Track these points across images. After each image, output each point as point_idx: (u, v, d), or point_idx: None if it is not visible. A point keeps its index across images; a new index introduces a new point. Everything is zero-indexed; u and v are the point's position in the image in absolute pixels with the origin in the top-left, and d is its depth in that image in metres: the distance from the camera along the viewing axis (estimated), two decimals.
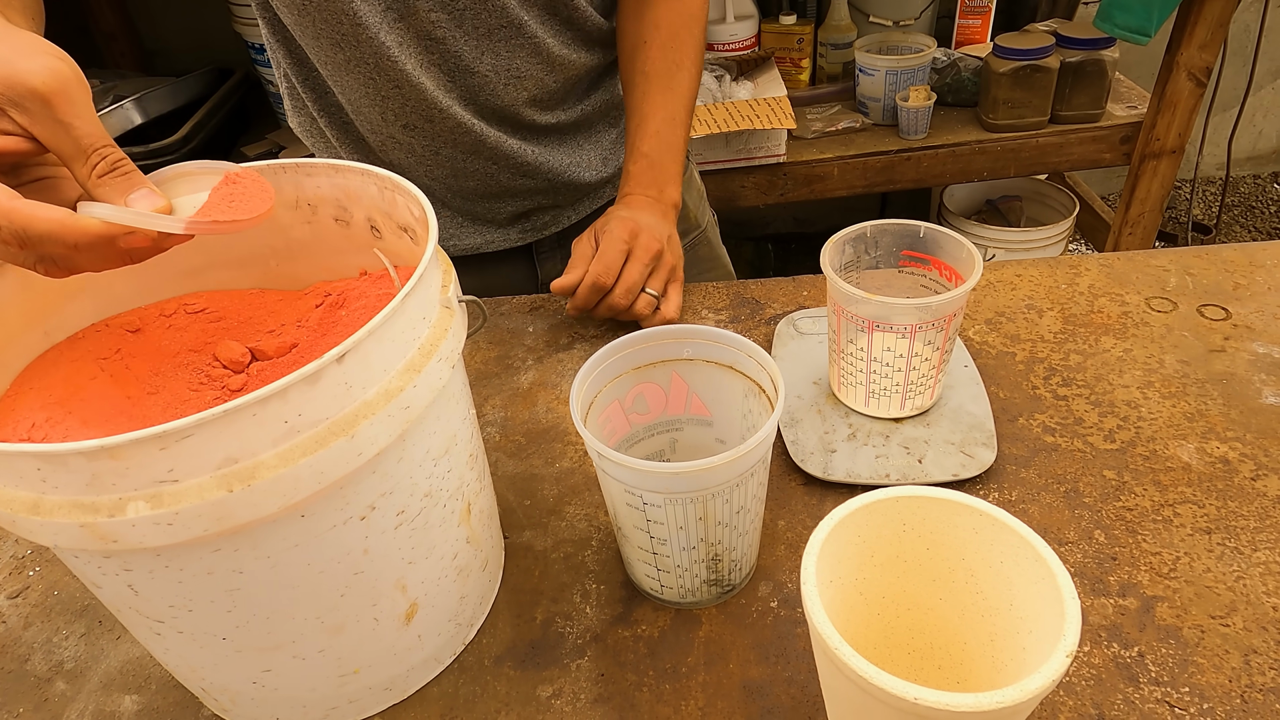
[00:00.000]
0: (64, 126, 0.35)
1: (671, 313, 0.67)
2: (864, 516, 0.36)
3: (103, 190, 0.37)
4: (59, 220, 0.34)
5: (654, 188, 0.71)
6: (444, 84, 0.69)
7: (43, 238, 0.34)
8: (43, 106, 0.35)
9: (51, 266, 0.37)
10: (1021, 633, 0.35)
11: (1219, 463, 0.54)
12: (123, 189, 0.37)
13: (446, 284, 0.41)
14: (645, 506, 0.43)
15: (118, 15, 1.88)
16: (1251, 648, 0.44)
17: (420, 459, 0.39)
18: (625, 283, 0.65)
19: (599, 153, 0.79)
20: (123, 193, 0.37)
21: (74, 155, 0.36)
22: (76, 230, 0.35)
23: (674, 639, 0.48)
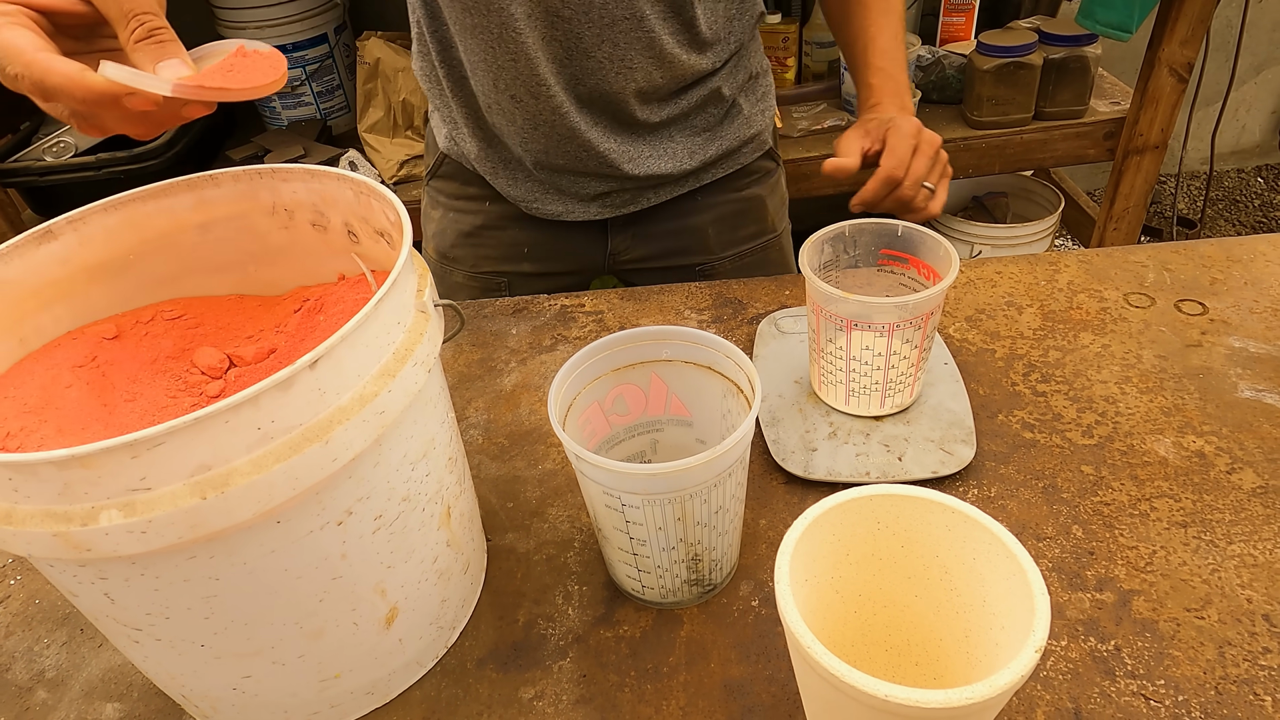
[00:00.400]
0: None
1: (936, 208, 0.68)
2: (838, 515, 0.36)
3: (137, 55, 0.39)
4: (68, 75, 0.37)
5: (899, 98, 0.73)
6: (558, 62, 0.70)
7: (56, 90, 0.37)
8: None
9: (82, 122, 0.39)
10: (994, 629, 0.35)
11: (1195, 456, 0.55)
12: (155, 55, 0.39)
13: (422, 288, 0.41)
14: (624, 508, 0.43)
15: None
16: (1226, 639, 0.45)
17: (397, 463, 0.39)
18: (914, 175, 0.66)
19: (687, 147, 0.80)
20: (155, 59, 0.39)
21: (118, 19, 0.38)
22: (83, 86, 0.37)
23: (656, 639, 0.48)
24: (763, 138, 0.85)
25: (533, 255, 0.85)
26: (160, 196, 0.47)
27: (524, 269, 0.86)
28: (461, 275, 0.88)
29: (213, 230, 0.49)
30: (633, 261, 0.87)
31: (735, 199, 0.84)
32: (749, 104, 0.82)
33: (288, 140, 1.70)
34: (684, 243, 0.85)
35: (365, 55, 1.57)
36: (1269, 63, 2.19)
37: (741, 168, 0.84)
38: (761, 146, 0.85)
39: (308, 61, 1.74)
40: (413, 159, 1.65)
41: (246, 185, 0.48)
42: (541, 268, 0.86)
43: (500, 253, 0.85)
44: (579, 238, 0.84)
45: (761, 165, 0.86)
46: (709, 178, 0.82)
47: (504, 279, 0.87)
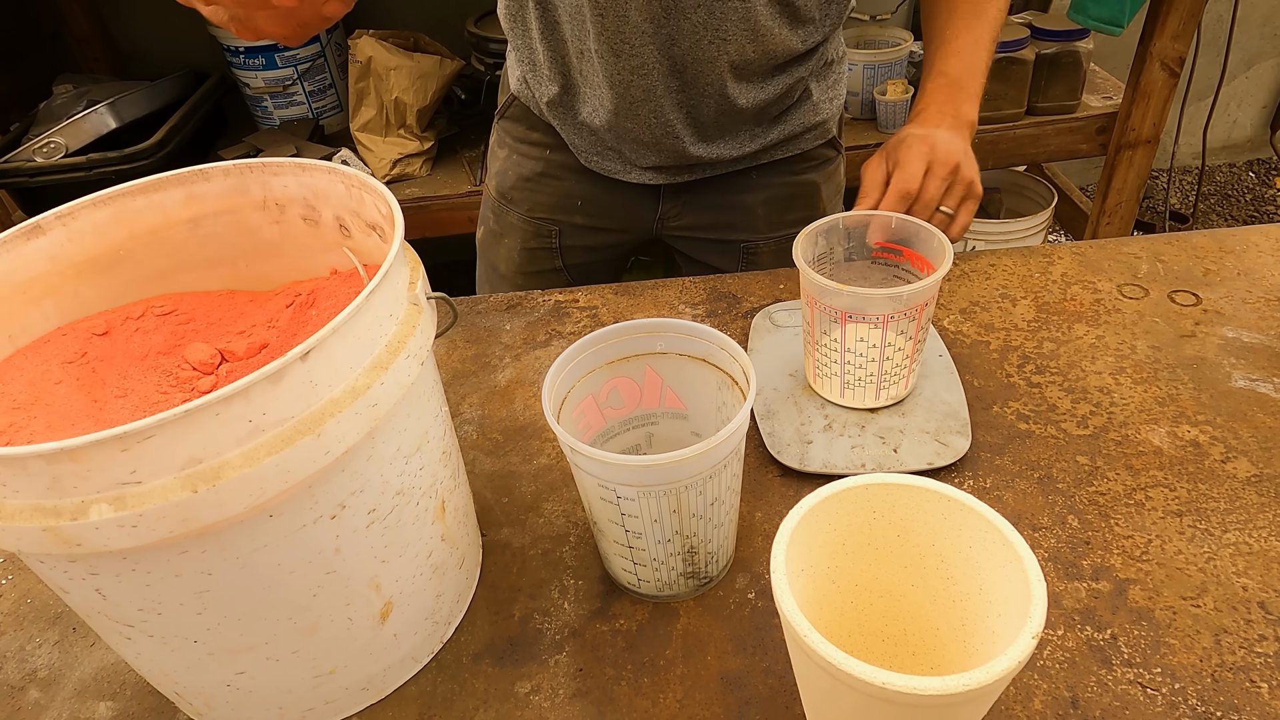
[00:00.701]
0: None
1: (955, 232, 0.66)
2: (834, 505, 0.36)
3: None
4: None
5: (950, 105, 0.70)
6: (655, 21, 0.69)
7: None
8: None
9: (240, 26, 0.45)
10: (991, 616, 0.35)
11: (1190, 446, 0.55)
12: None
13: (414, 281, 0.41)
14: (619, 500, 0.43)
15: (91, 20, 1.87)
16: (1222, 627, 0.45)
17: (391, 456, 0.39)
18: (924, 199, 0.65)
19: (752, 131, 0.80)
20: None
21: None
22: None
23: (652, 632, 0.48)
24: (827, 126, 0.84)
25: (585, 209, 0.86)
26: (150, 191, 0.46)
27: (576, 220, 0.87)
28: (516, 216, 0.89)
29: (203, 225, 0.48)
30: (681, 229, 0.87)
31: (790, 182, 0.84)
32: (819, 90, 0.81)
33: (280, 140, 1.70)
34: (732, 218, 0.85)
35: (357, 54, 1.57)
36: (1259, 57, 2.20)
37: (801, 153, 0.83)
38: (825, 134, 0.84)
39: (299, 61, 1.73)
40: (406, 158, 1.64)
41: (237, 180, 0.47)
42: (593, 222, 0.87)
43: (555, 201, 0.86)
44: (631, 198, 0.85)
45: (822, 152, 0.85)
46: (766, 159, 0.82)
47: (556, 226, 0.88)
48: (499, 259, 0.92)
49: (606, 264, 0.94)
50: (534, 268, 0.91)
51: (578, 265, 0.91)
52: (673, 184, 0.83)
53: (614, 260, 0.95)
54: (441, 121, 1.76)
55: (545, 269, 0.91)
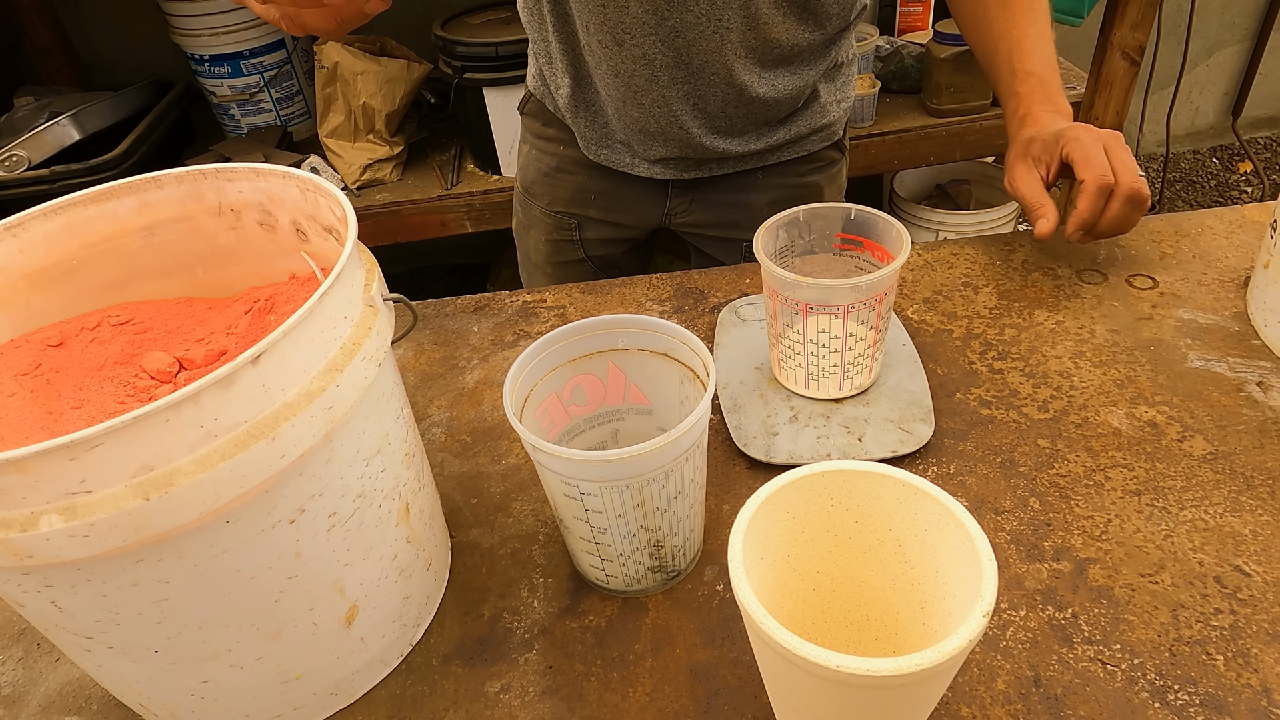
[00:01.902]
0: None
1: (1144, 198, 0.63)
2: (791, 493, 0.36)
3: None
4: None
5: (1050, 102, 0.69)
6: (655, 12, 0.69)
7: None
8: None
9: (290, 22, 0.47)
10: (947, 598, 0.35)
11: (1147, 426, 0.56)
12: None
13: (370, 282, 0.41)
14: (583, 496, 0.43)
15: (52, 31, 1.84)
16: (1179, 603, 0.45)
17: (350, 459, 0.39)
18: (1128, 167, 0.63)
19: (757, 130, 0.80)
20: None
21: None
22: None
23: (621, 627, 0.48)
24: (834, 128, 0.84)
25: (598, 203, 0.89)
26: (102, 200, 0.46)
27: (591, 214, 0.90)
28: (539, 210, 0.92)
29: (158, 233, 0.48)
30: (688, 225, 0.89)
31: (794, 184, 0.85)
32: (827, 92, 0.81)
33: (248, 148, 1.69)
34: (737, 217, 0.86)
35: (323, 59, 1.56)
36: (1219, 45, 2.24)
37: (807, 154, 0.84)
38: (831, 137, 0.84)
39: (266, 68, 1.72)
40: (375, 163, 1.63)
41: (191, 186, 0.47)
42: (606, 216, 0.89)
43: (570, 195, 0.89)
44: (640, 193, 0.86)
45: (827, 154, 0.86)
46: (773, 159, 0.83)
47: (574, 220, 0.90)
48: (530, 249, 0.96)
49: (627, 256, 0.96)
50: (560, 258, 0.94)
51: (600, 257, 0.94)
52: (680, 180, 0.84)
53: (634, 253, 0.97)
54: (411, 126, 1.75)
55: (570, 260, 0.94)
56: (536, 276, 0.98)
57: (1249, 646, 0.43)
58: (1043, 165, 0.66)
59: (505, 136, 1.57)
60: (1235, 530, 0.49)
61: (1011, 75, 0.70)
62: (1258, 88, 2.30)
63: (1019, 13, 0.70)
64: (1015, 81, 0.70)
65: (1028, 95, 0.69)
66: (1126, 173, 0.62)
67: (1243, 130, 2.37)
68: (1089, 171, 0.62)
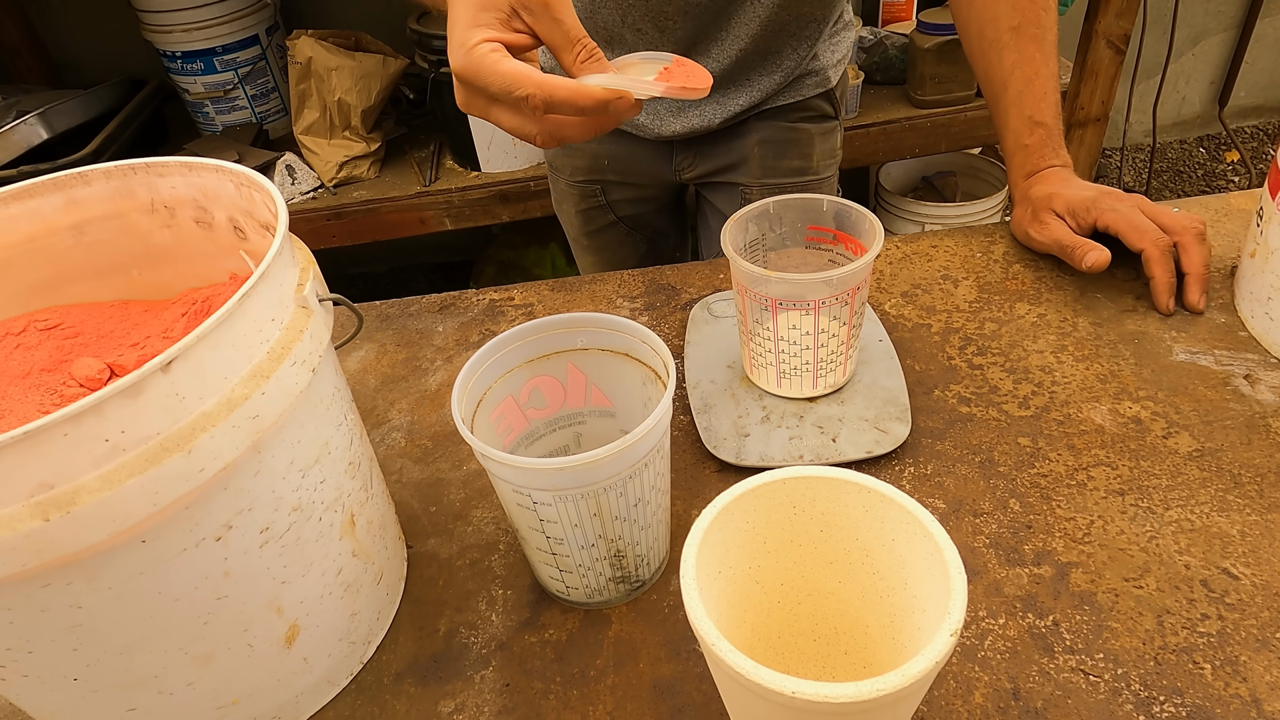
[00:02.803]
0: (558, 23, 0.44)
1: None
2: (751, 501, 0.34)
3: (582, 72, 0.45)
4: (574, 88, 0.43)
5: (1059, 157, 0.69)
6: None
7: (562, 103, 0.43)
8: (543, 8, 0.44)
9: (549, 137, 0.46)
10: (916, 612, 0.33)
11: (1131, 423, 0.54)
12: (597, 71, 0.45)
13: (303, 282, 0.38)
14: (536, 506, 0.41)
15: (21, 30, 1.81)
16: (1164, 608, 0.43)
17: (283, 471, 0.37)
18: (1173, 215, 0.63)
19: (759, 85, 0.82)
20: (597, 74, 0.45)
21: (564, 45, 0.45)
22: (587, 95, 0.43)
23: (583, 641, 0.46)
24: (826, 74, 0.85)
25: (613, 167, 0.92)
26: (24, 198, 0.43)
27: (610, 178, 0.93)
28: (564, 182, 0.96)
29: (88, 232, 0.45)
30: (696, 177, 0.92)
31: (784, 126, 0.86)
32: (821, 45, 0.83)
33: (221, 146, 1.65)
34: (732, 161, 0.88)
35: (296, 55, 1.53)
36: (1205, 33, 2.22)
37: (799, 101, 0.85)
38: (824, 84, 0.85)
39: (240, 64, 1.69)
40: (352, 160, 1.61)
41: (120, 182, 0.44)
42: (624, 178, 0.93)
43: (588, 164, 0.92)
44: (648, 152, 0.90)
45: (818, 104, 0.86)
46: (768, 105, 0.84)
47: (597, 185, 0.94)
48: (567, 224, 1.01)
49: (658, 215, 0.99)
50: (592, 227, 0.98)
51: (630, 217, 0.97)
52: (682, 136, 0.86)
53: (664, 212, 0.99)
54: (389, 122, 1.73)
55: (602, 226, 0.97)
56: (578, 250, 1.03)
57: (1237, 654, 0.41)
58: (1072, 223, 0.65)
59: (484, 132, 1.55)
60: (1222, 531, 0.47)
61: (1021, 123, 0.69)
62: (1244, 76, 2.29)
63: (1030, 43, 0.68)
64: (1025, 132, 0.69)
65: (1037, 149, 0.69)
66: (1175, 219, 0.62)
67: (1229, 120, 2.36)
68: (1145, 238, 0.61)
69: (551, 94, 0.43)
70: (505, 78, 0.43)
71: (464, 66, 0.44)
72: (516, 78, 0.43)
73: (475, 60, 0.43)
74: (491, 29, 0.44)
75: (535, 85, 0.42)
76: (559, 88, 0.43)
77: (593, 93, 0.43)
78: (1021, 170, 0.70)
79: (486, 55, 0.43)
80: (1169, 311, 0.61)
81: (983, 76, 0.72)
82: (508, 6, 0.44)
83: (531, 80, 0.43)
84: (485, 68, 0.43)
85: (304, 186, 1.61)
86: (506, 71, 0.43)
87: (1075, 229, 0.65)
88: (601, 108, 0.44)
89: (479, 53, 0.43)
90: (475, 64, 0.43)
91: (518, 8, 0.44)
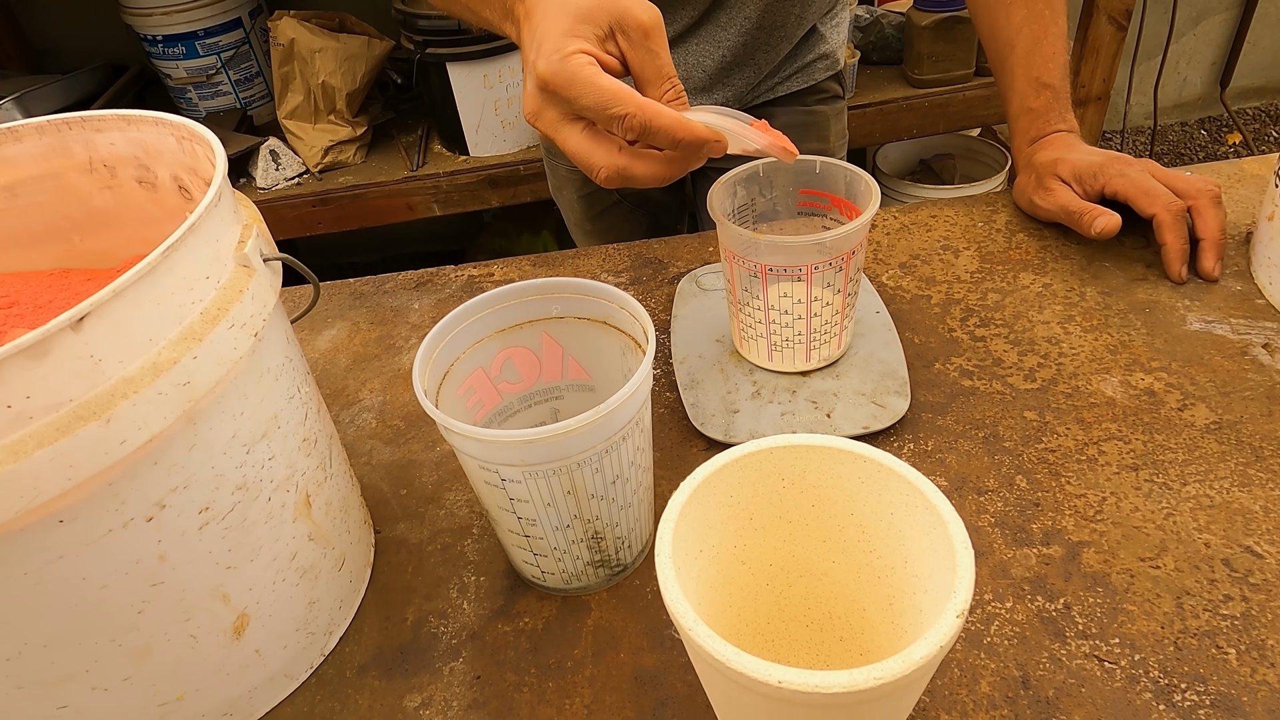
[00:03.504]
0: (653, 55, 0.42)
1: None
2: (734, 474, 0.31)
3: None
4: (677, 118, 0.40)
5: (1065, 122, 0.65)
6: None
7: (661, 131, 0.39)
8: (643, 36, 0.41)
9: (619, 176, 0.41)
10: (918, 593, 0.30)
11: (1144, 395, 0.50)
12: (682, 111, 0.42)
13: (244, 239, 0.35)
14: (504, 483, 0.37)
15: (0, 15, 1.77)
16: (1184, 589, 0.40)
17: (223, 445, 0.33)
18: (1187, 179, 0.59)
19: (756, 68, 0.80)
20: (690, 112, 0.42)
21: (654, 79, 0.42)
22: (688, 129, 0.40)
23: (559, 630, 0.42)
24: (835, 57, 0.84)
25: None
26: None
27: None
28: (565, 169, 0.94)
29: (21, 194, 0.42)
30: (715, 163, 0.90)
31: (801, 111, 0.85)
32: (825, 27, 0.83)
33: None
34: None
35: (278, 36, 1.49)
36: (1207, 13, 2.18)
37: (812, 85, 0.84)
38: (833, 66, 0.85)
39: (222, 48, 1.65)
40: (338, 144, 1.57)
41: (54, 139, 0.41)
42: None
43: None
44: None
45: (830, 86, 0.86)
46: (784, 90, 0.83)
47: None
48: (567, 209, 0.98)
49: (663, 191, 0.96)
50: (595, 210, 0.95)
51: (633, 194, 0.93)
52: None
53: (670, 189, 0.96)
54: (376, 107, 1.69)
55: (606, 207, 0.94)
56: (579, 235, 1.00)
57: (1264, 637, 0.38)
58: (1079, 189, 0.62)
59: (471, 115, 1.51)
60: (1244, 507, 0.44)
61: (1027, 85, 0.65)
62: (1246, 57, 2.25)
63: (1040, 2, 0.65)
64: (1031, 95, 0.65)
65: (1043, 112, 0.65)
66: (1189, 183, 0.59)
67: (1231, 101, 2.32)
68: (1156, 203, 0.58)
69: (652, 119, 0.39)
70: (604, 93, 0.39)
71: (555, 73, 0.39)
72: (617, 95, 0.39)
73: (571, 70, 0.39)
74: (588, 43, 0.40)
75: (637, 106, 0.39)
76: (662, 113, 0.39)
77: (695, 128, 0.40)
78: (1026, 135, 0.67)
79: (584, 67, 0.39)
80: (1182, 280, 0.58)
81: (987, 34, 0.68)
82: (607, 26, 0.41)
83: (634, 100, 0.39)
84: (582, 79, 0.39)
85: (289, 172, 1.57)
86: (607, 86, 0.39)
87: (1082, 195, 0.61)
88: (698, 146, 0.40)
89: (576, 63, 0.39)
90: (571, 74, 0.39)
91: (616, 30, 0.41)
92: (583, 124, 0.42)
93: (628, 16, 0.41)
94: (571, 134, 0.42)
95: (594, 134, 0.41)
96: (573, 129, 0.42)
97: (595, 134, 0.41)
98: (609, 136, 0.42)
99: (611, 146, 0.41)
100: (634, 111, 0.39)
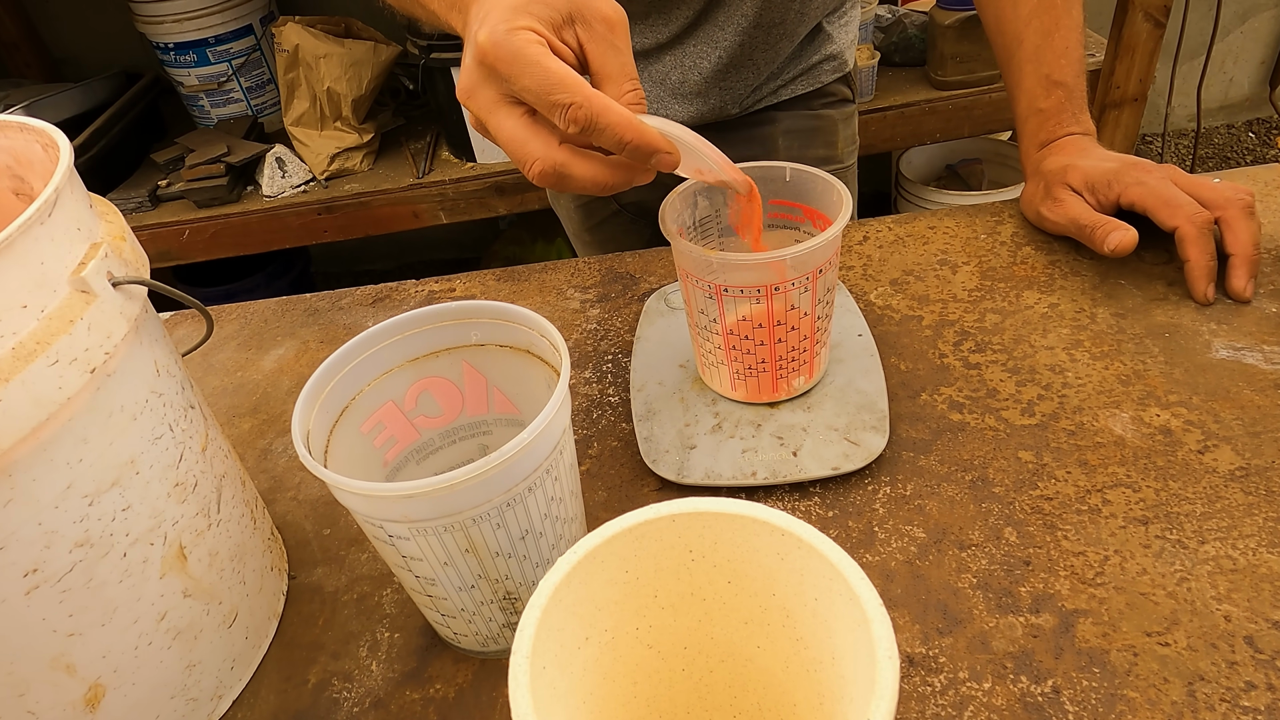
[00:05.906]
0: (615, 50, 0.38)
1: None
2: (628, 545, 0.26)
3: None
4: (627, 117, 0.36)
5: (1079, 123, 0.60)
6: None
7: (606, 129, 0.35)
8: (607, 29, 0.37)
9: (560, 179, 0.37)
10: (845, 698, 0.24)
11: (1159, 434, 0.44)
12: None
13: (88, 259, 0.30)
14: (392, 540, 0.33)
15: (19, 24, 1.78)
16: (1198, 673, 0.34)
17: (54, 498, 0.29)
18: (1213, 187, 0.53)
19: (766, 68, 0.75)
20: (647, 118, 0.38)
21: (614, 77, 0.38)
22: (637, 131, 0.36)
23: (473, 699, 0.38)
24: (843, 58, 0.79)
25: None
26: None
27: None
28: None
29: None
30: None
31: (809, 115, 0.80)
32: (832, 26, 0.78)
33: (212, 139, 1.61)
34: (754, 151, 0.80)
35: (283, 42, 1.47)
36: (1255, 9, 2.07)
37: (819, 88, 0.79)
38: (841, 68, 0.80)
39: (233, 55, 1.64)
40: (344, 151, 1.55)
41: None
42: None
43: None
44: None
45: (838, 89, 0.81)
46: (788, 94, 0.78)
47: None
48: (566, 218, 0.93)
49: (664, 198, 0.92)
50: (594, 220, 0.90)
51: (634, 204, 0.89)
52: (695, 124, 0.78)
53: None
54: (385, 114, 1.66)
55: (605, 217, 0.89)
56: (579, 245, 0.96)
57: None
58: (1092, 199, 0.55)
59: None
60: (1273, 571, 0.37)
61: (1036, 83, 0.59)
62: None
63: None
64: (1040, 94, 0.60)
65: (1054, 113, 0.59)
66: (1216, 191, 0.52)
67: None
68: (1179, 214, 0.52)
69: (600, 113, 0.35)
70: (551, 75, 0.35)
71: (496, 45, 0.35)
72: (564, 80, 0.35)
73: (516, 45, 0.35)
74: (541, 24, 0.36)
75: (585, 97, 0.35)
76: (611, 109, 0.35)
77: (646, 131, 0.36)
78: (1034, 139, 0.60)
79: (531, 44, 0.35)
80: (1208, 300, 0.51)
81: (993, 28, 0.62)
82: (566, 11, 0.37)
83: (582, 90, 0.35)
84: (527, 57, 0.35)
85: (294, 180, 1.55)
86: (554, 69, 0.35)
87: (1096, 207, 0.55)
88: (647, 152, 0.36)
89: (522, 39, 0.35)
90: (515, 49, 0.35)
91: (576, 18, 0.37)
92: (522, 109, 0.37)
93: (590, 7, 0.37)
94: (507, 119, 0.37)
95: (533, 122, 0.37)
96: (509, 113, 0.37)
97: (535, 122, 0.37)
98: (550, 127, 0.37)
99: (551, 139, 0.37)
100: (580, 102, 0.35)
